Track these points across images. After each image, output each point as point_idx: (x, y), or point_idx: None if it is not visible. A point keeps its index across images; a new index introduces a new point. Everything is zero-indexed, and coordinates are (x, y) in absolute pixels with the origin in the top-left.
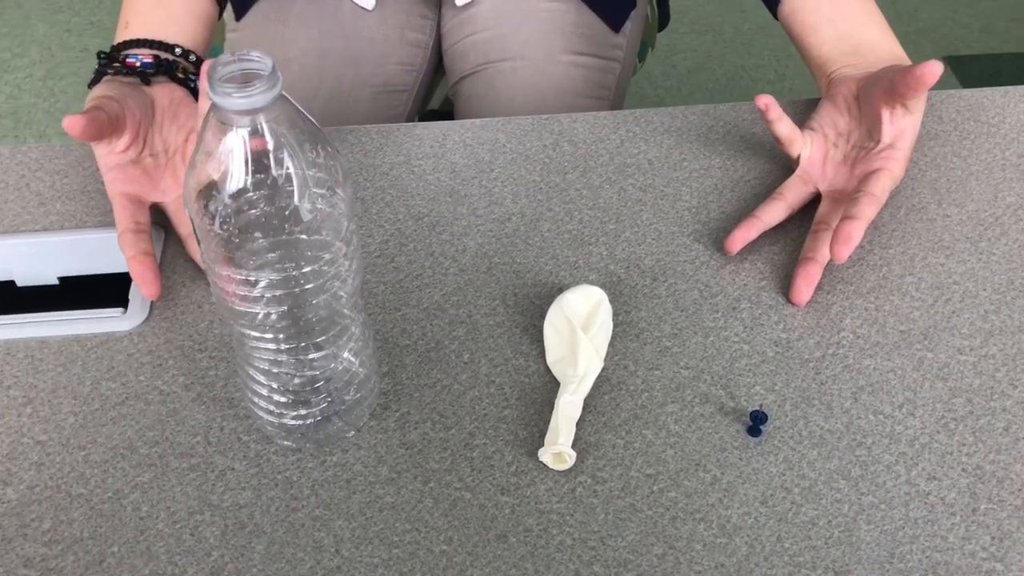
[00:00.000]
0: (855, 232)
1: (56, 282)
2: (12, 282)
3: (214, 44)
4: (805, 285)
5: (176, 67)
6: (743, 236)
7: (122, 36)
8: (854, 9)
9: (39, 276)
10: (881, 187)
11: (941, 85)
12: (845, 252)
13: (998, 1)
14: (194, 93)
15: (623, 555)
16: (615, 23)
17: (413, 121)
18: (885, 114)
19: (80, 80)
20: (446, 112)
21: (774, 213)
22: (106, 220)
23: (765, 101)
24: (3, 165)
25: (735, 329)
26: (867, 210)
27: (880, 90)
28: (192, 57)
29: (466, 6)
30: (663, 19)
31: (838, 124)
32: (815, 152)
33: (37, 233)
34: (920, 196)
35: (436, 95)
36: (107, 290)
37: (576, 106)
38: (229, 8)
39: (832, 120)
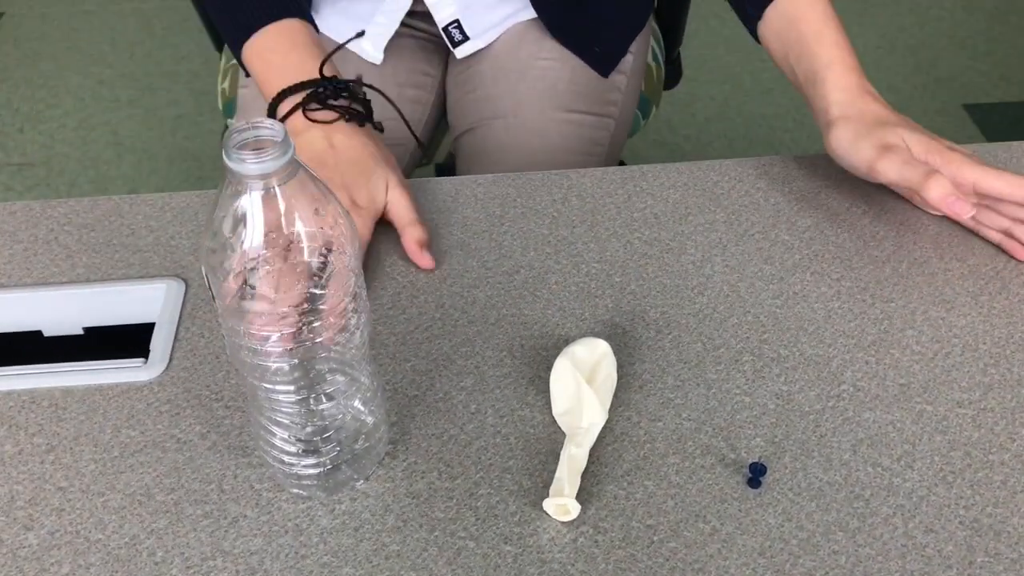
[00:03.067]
0: None
1: (81, 332)
2: (39, 332)
3: (232, 97)
4: None
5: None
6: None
7: (281, 83)
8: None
9: (65, 326)
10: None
11: (959, 133)
12: None
13: (1017, 49)
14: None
15: None
16: (604, 69)
17: (411, 174)
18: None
19: (111, 130)
20: (452, 166)
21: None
22: (130, 273)
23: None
24: (33, 219)
25: (737, 382)
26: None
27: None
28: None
29: (468, 63)
30: (673, 76)
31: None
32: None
33: (64, 285)
34: (922, 249)
35: (441, 149)
36: (130, 340)
37: (567, 162)
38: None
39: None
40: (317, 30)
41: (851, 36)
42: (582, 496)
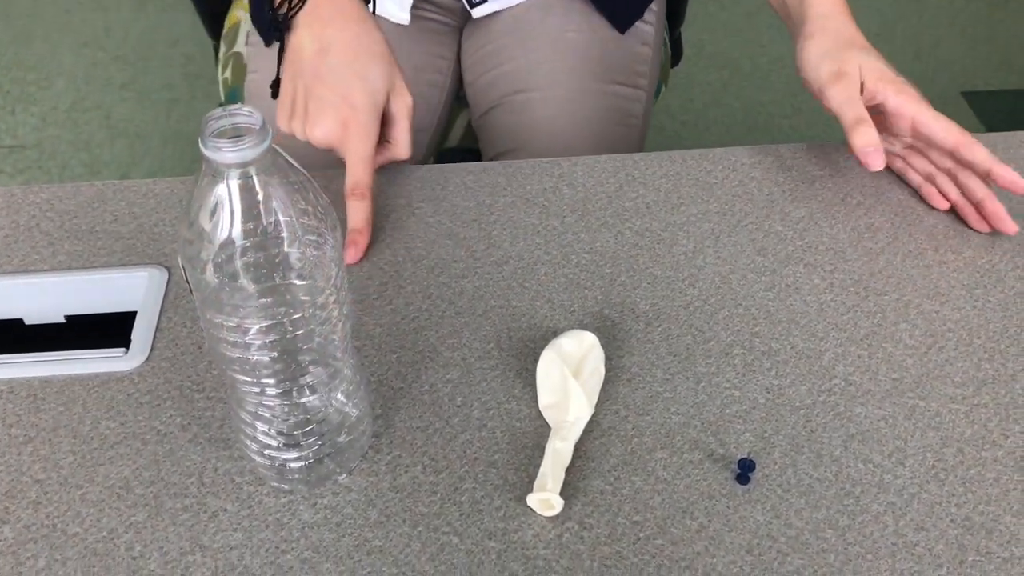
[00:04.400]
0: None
1: (63, 320)
2: (20, 320)
3: (235, 86)
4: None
5: None
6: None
7: None
8: None
9: (47, 315)
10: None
11: (957, 121)
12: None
13: (1017, 37)
14: None
15: None
16: (622, 25)
17: (430, 160)
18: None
19: (104, 113)
20: (465, 149)
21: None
22: (112, 260)
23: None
24: (15, 205)
25: (727, 375)
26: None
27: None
28: None
29: (488, 38)
30: (675, 55)
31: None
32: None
33: (46, 273)
34: (917, 242)
35: (453, 133)
36: (112, 328)
37: (607, 133)
38: (248, 50)
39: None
40: None
41: None
42: (567, 491)
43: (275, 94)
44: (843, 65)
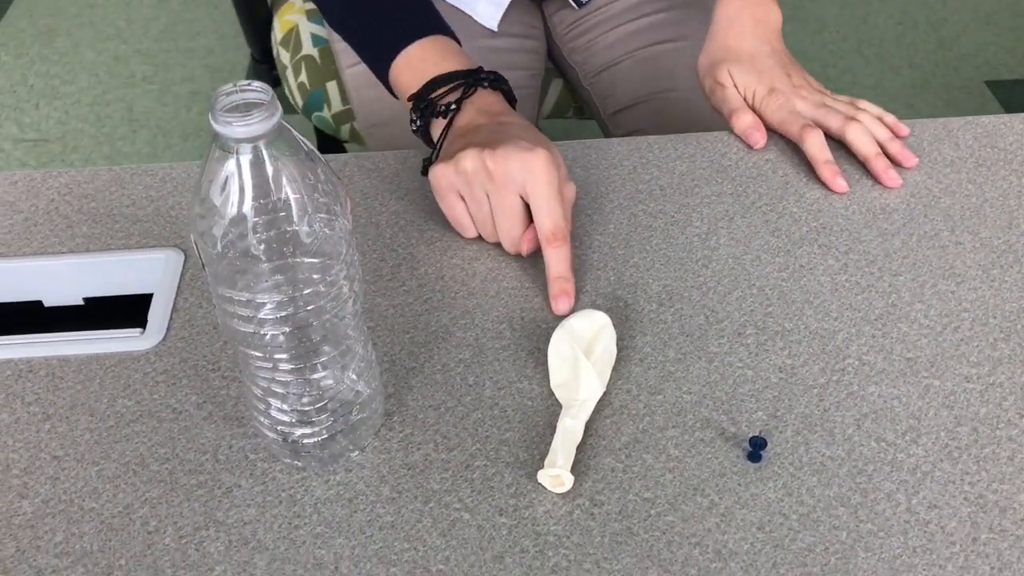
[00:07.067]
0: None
1: (81, 302)
2: (40, 302)
3: (315, 89)
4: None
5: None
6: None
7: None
8: None
9: (65, 296)
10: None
11: (981, 110)
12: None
13: None
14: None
15: None
16: None
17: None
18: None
19: (126, 106)
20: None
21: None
22: (129, 243)
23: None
24: (34, 189)
25: (739, 355)
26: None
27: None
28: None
29: (591, 7)
30: None
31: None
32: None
33: (64, 255)
34: (933, 223)
35: (546, 103)
36: (130, 310)
37: None
38: (337, 47)
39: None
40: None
41: (872, 12)
42: (578, 469)
43: (425, 171)
44: (717, 77)
